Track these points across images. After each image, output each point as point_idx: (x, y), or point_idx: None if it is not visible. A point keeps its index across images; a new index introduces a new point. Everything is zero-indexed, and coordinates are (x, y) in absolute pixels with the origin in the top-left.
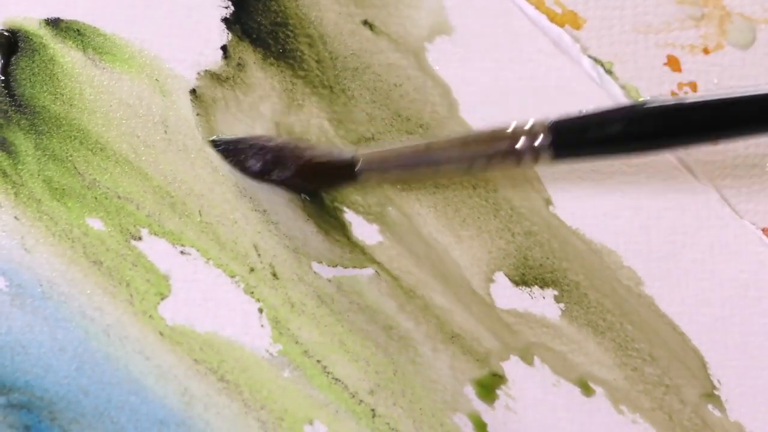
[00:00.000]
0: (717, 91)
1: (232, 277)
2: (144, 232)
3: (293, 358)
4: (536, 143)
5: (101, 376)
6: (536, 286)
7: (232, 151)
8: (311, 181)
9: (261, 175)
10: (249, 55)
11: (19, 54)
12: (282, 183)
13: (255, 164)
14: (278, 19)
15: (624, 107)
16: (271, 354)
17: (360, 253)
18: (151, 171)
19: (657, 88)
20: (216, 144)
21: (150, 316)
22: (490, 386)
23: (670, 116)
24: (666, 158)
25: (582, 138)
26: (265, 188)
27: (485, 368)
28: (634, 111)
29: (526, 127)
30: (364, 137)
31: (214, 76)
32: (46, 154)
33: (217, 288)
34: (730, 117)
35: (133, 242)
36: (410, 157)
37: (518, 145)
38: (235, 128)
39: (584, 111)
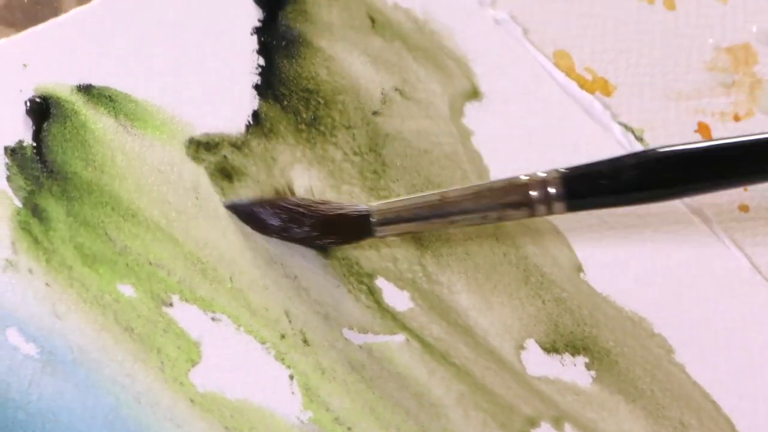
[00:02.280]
0: (728, 136)
1: (263, 343)
2: (175, 298)
3: (324, 425)
4: (549, 194)
5: None
6: (567, 353)
7: (250, 213)
8: (329, 236)
9: (279, 232)
10: (280, 121)
11: (51, 120)
12: (300, 240)
13: (273, 223)
14: (309, 86)
15: (636, 154)
16: (301, 421)
17: (391, 320)
18: (183, 237)
19: None
20: (232, 208)
21: (181, 383)
22: None
23: (683, 162)
24: (697, 225)
25: (595, 187)
26: (296, 253)
27: None
28: (647, 158)
29: (539, 178)
30: None
31: (245, 143)
32: (77, 221)
33: (248, 354)
34: (742, 162)
35: (164, 309)
36: (425, 210)
37: (531, 196)
38: (265, 194)
39: (595, 160)
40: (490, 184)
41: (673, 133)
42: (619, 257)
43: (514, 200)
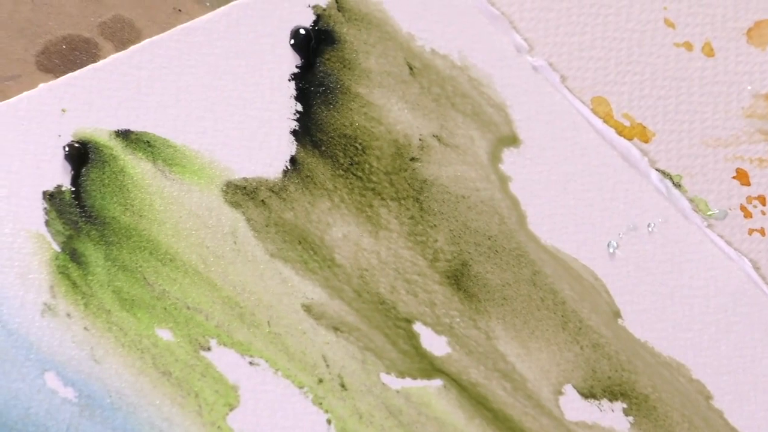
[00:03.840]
0: None
1: (301, 387)
2: (213, 342)
3: None
4: None
5: None
6: (605, 399)
7: None
8: None
9: None
10: (318, 166)
11: (89, 165)
12: None
13: None
14: (347, 132)
15: None
16: None
17: (429, 365)
18: (220, 282)
19: (726, 202)
20: None
21: (218, 426)
22: None
23: None
24: (736, 272)
25: None
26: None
27: None
28: None
29: None
30: (433, 249)
31: (283, 188)
32: (115, 265)
33: (285, 399)
34: None
35: (202, 353)
36: None
37: None
38: (306, 236)
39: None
40: None
41: (711, 179)
42: (657, 303)
43: None
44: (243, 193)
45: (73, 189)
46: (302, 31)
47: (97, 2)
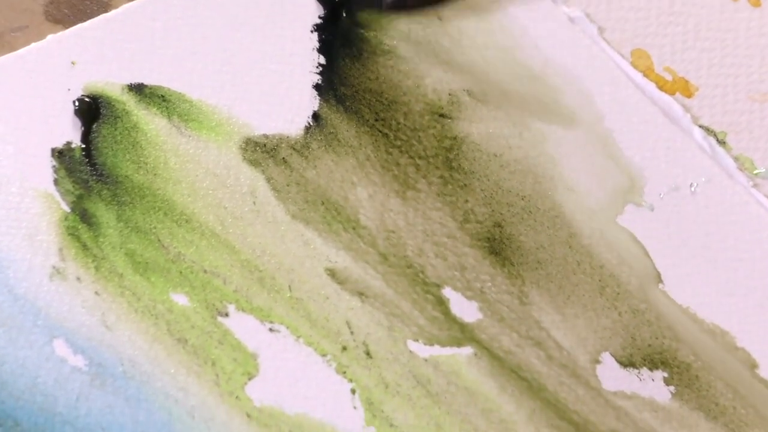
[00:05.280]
0: None
1: (324, 355)
2: (231, 308)
3: None
4: None
5: None
6: (645, 368)
7: None
8: None
9: None
10: (342, 123)
11: (100, 121)
12: None
13: None
14: (372, 86)
15: None
16: None
17: (458, 331)
18: (239, 244)
19: None
20: None
21: (237, 396)
22: None
23: None
24: None
25: None
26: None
27: None
28: None
29: None
30: (463, 210)
31: (305, 145)
32: (128, 226)
33: (307, 367)
34: None
35: (220, 319)
36: None
37: None
38: (329, 196)
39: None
40: None
41: (757, 136)
42: (700, 267)
43: None
44: (263, 151)
45: (84, 146)
46: None
47: None
